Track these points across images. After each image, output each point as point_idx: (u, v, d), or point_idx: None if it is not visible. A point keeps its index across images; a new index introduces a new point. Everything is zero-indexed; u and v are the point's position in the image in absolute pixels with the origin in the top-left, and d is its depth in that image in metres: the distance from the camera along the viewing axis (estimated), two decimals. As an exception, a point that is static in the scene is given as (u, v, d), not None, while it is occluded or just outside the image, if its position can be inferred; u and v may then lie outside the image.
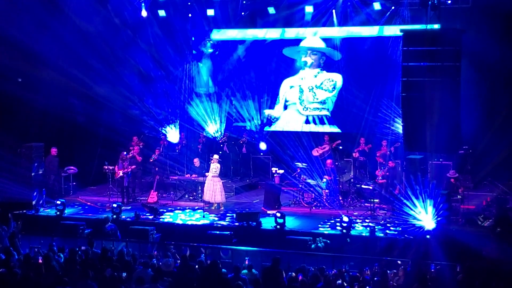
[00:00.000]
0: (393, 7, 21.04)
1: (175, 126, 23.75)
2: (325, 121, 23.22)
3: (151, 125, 23.60)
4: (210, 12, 22.80)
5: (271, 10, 22.33)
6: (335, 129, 23.06)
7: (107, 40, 22.37)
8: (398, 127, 20.39)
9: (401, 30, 16.57)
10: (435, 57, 15.18)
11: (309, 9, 21.93)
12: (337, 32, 22.36)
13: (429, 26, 16.42)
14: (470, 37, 17.15)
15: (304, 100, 23.43)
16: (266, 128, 23.94)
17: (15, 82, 20.98)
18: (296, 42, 23.36)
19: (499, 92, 19.76)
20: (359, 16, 21.88)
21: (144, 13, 22.58)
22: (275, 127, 23.93)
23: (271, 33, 23.35)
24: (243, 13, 23.14)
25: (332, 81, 22.98)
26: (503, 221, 15.86)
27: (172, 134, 23.50)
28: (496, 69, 19.32)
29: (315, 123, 23.34)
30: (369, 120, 21.96)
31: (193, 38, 24.25)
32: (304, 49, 23.24)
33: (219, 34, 23.91)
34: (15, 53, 20.18)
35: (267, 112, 23.90)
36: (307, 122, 23.47)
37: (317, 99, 23.17)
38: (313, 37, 22.98)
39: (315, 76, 23.22)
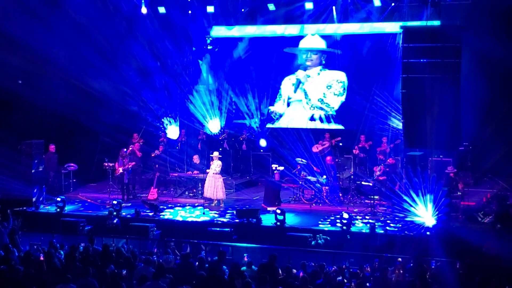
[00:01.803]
0: (393, 4, 21.02)
1: (175, 123, 23.78)
2: (331, 119, 23.18)
3: (150, 121, 23.64)
4: (210, 8, 22.80)
5: (271, 6, 22.29)
6: (340, 127, 23.03)
7: (107, 37, 22.36)
8: (398, 123, 20.41)
9: (401, 27, 16.58)
10: (435, 54, 15.18)
11: (309, 5, 21.91)
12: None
13: (429, 23, 16.43)
14: (470, 34, 17.14)
15: (310, 99, 23.34)
16: (269, 125, 23.94)
17: (15, 79, 20.96)
18: (296, 39, 23.32)
19: (499, 88, 19.73)
20: (359, 12, 21.87)
21: (144, 10, 22.59)
22: (279, 124, 23.91)
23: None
24: (243, 10, 23.13)
25: (341, 82, 22.90)
26: (504, 217, 15.86)
27: (172, 130, 23.51)
28: (496, 66, 19.30)
29: (321, 121, 23.28)
30: (369, 117, 21.96)
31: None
32: (304, 50, 23.20)
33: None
34: (15, 50, 20.18)
35: (272, 108, 23.87)
36: (312, 119, 23.43)
37: (332, 108, 23.04)
38: (312, 36, 22.94)
39: (318, 74, 23.17)
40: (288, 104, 23.84)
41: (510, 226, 15.40)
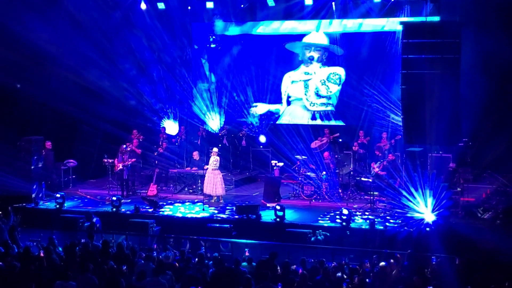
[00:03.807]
0: (392, 0, 21.00)
1: (173, 119, 23.80)
2: (331, 116, 23.16)
3: (150, 117, 23.67)
4: (210, 4, 22.75)
5: (271, 2, 22.24)
6: (341, 124, 23.01)
7: (106, 33, 22.37)
8: (398, 119, 20.41)
9: (401, 23, 16.55)
10: (434, 50, 15.15)
11: (308, 1, 21.86)
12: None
13: (428, 19, 16.41)
14: (470, 30, 17.11)
15: (311, 96, 23.32)
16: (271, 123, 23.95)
17: (14, 76, 20.92)
18: (298, 37, 23.27)
19: (499, 84, 19.69)
20: (358, 8, 21.85)
21: (143, 6, 22.61)
22: (281, 122, 23.86)
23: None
24: (242, 6, 23.09)
25: (337, 74, 22.90)
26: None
27: (171, 126, 23.52)
28: (496, 61, 19.25)
29: (321, 119, 23.26)
30: (368, 113, 21.99)
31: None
32: (310, 45, 23.12)
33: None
34: (14, 45, 20.15)
35: (252, 110, 23.83)
36: (313, 118, 23.39)
37: (330, 92, 22.99)
38: (316, 33, 22.91)
39: (320, 68, 23.18)
40: (289, 103, 23.80)
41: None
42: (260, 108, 23.94)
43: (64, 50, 21.62)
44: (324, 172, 19.58)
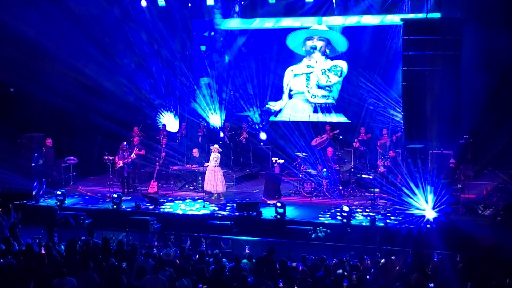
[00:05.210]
0: (394, -5, 21.02)
1: (174, 115, 23.79)
2: (332, 109, 23.17)
3: (149, 114, 23.67)
4: (210, 1, 22.72)
5: (271, -1, 22.27)
6: (342, 118, 23.02)
7: (106, 30, 22.34)
8: (398, 115, 20.40)
9: (402, 19, 16.54)
10: (435, 46, 15.15)
11: (309, -2, 21.89)
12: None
13: (429, 15, 16.39)
14: (471, 26, 17.09)
15: (312, 88, 23.32)
16: (272, 118, 23.91)
17: (15, 73, 20.92)
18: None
19: (500, 81, 19.66)
20: (359, 5, 21.83)
21: (143, 3, 22.62)
22: (281, 117, 23.86)
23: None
24: (243, 3, 23.07)
25: (339, 67, 22.92)
26: None
27: (170, 122, 23.52)
28: (497, 58, 19.23)
29: (322, 112, 23.26)
30: (369, 110, 21.96)
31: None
32: (313, 33, 23.09)
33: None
34: (14, 43, 20.13)
35: (270, 105, 23.85)
36: (315, 111, 23.39)
37: (330, 82, 23.00)
38: (319, 25, 22.88)
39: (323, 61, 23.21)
40: (290, 97, 23.80)
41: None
42: (276, 106, 23.97)
43: (64, 46, 21.63)
44: (324, 169, 19.57)
